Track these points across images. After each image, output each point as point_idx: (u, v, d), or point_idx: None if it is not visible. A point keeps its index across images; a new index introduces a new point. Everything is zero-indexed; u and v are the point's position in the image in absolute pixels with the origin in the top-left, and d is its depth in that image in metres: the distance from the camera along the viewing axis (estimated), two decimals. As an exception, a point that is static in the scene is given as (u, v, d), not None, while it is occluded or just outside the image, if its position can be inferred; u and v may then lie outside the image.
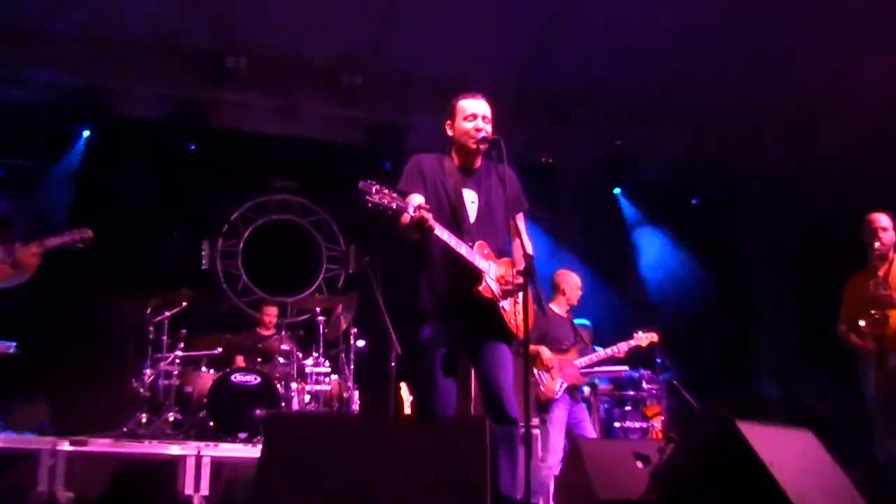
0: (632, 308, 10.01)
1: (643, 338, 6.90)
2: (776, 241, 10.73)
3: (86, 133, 9.11)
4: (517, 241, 4.04)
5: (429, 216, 3.71)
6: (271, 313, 8.44)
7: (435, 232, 3.78)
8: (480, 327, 4.03)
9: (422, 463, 3.04)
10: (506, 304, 4.00)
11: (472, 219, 4.09)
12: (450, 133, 4.21)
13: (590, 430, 6.66)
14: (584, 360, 6.66)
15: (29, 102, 8.86)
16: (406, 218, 3.74)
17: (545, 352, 6.46)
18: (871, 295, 5.46)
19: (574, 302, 6.92)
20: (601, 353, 6.80)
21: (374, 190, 3.64)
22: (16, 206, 8.32)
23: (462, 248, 3.89)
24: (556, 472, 6.40)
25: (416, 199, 3.97)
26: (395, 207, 3.68)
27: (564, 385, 6.49)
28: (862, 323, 5.49)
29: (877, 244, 5.59)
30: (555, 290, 6.95)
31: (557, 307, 6.85)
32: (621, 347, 6.82)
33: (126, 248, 8.55)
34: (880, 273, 5.53)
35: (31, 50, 8.65)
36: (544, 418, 6.50)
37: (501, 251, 4.10)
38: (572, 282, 6.93)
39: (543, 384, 6.45)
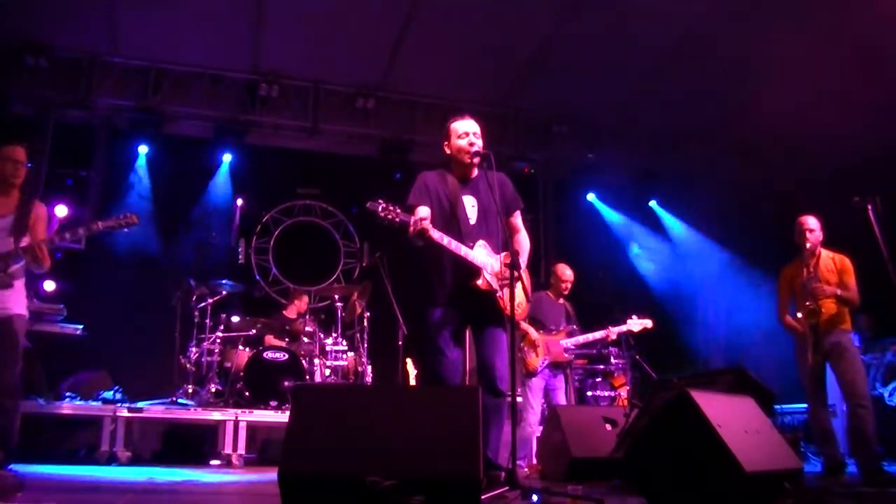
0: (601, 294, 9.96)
1: (638, 323, 6.72)
2: (721, 237, 10.75)
3: (144, 149, 9.09)
4: (516, 236, 4.05)
5: (427, 226, 3.74)
6: (304, 300, 8.39)
7: (435, 238, 3.79)
8: (480, 314, 4.04)
9: (425, 425, 3.03)
10: (503, 293, 4.00)
11: (472, 221, 4.10)
12: (447, 151, 4.21)
13: (562, 398, 6.55)
14: (571, 342, 6.53)
15: (91, 123, 8.82)
16: (411, 229, 3.78)
17: (532, 332, 6.41)
18: (805, 288, 5.44)
19: (563, 291, 6.76)
20: (591, 335, 6.62)
21: (380, 208, 3.70)
22: (79, 211, 8.27)
23: (461, 250, 3.90)
24: (536, 429, 6.42)
25: (423, 210, 3.99)
26: (398, 222, 3.73)
27: (546, 361, 6.44)
28: (799, 315, 5.47)
29: (807, 244, 5.57)
30: (550, 280, 6.94)
31: (552, 294, 6.81)
32: (613, 331, 6.63)
33: (175, 245, 8.54)
34: (810, 268, 5.50)
35: (94, 78, 8.65)
36: (526, 385, 6.45)
37: (499, 247, 4.09)
38: (559, 273, 6.80)
39: (528, 359, 6.41)
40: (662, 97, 8.91)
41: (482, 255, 3.98)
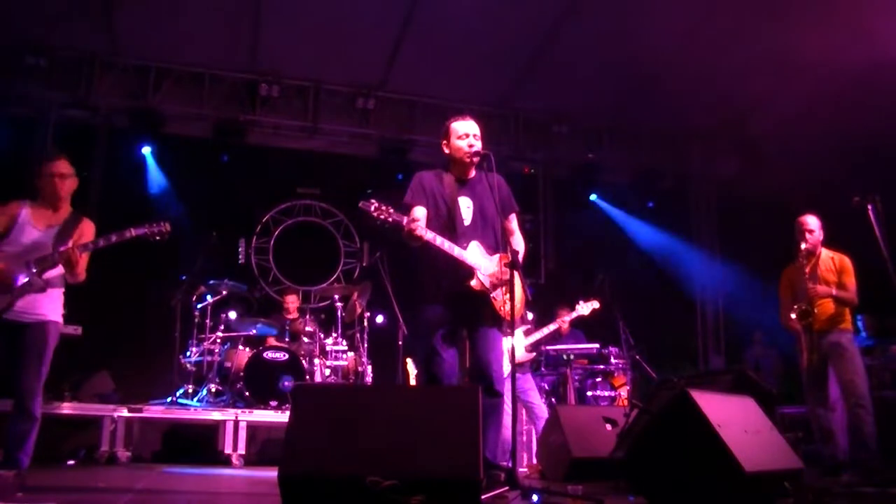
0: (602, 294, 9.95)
1: (586, 307, 6.70)
2: (721, 238, 10.75)
3: (147, 150, 9.10)
4: (510, 239, 4.05)
5: (417, 227, 3.76)
6: (291, 301, 8.38)
7: (427, 239, 3.80)
8: (474, 315, 4.03)
9: (425, 424, 3.03)
10: (496, 293, 4.00)
11: (466, 222, 4.09)
12: (446, 151, 4.21)
13: (534, 398, 6.48)
14: (529, 341, 6.48)
15: (91, 122, 8.82)
16: (403, 230, 3.80)
17: None
18: (800, 289, 5.45)
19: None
20: (546, 329, 6.60)
21: (372, 208, 3.72)
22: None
23: (454, 250, 3.90)
24: (508, 431, 6.41)
25: (419, 211, 4.01)
26: (391, 221, 3.74)
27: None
28: (793, 315, 5.47)
29: (804, 245, 5.56)
30: None
31: None
32: (565, 319, 6.67)
33: (176, 245, 8.51)
34: (807, 269, 5.50)
35: (94, 78, 8.66)
36: (514, 393, 6.37)
37: (494, 248, 4.09)
38: None
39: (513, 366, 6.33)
40: (662, 97, 8.90)
41: (475, 256, 3.98)
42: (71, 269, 4.25)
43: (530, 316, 6.63)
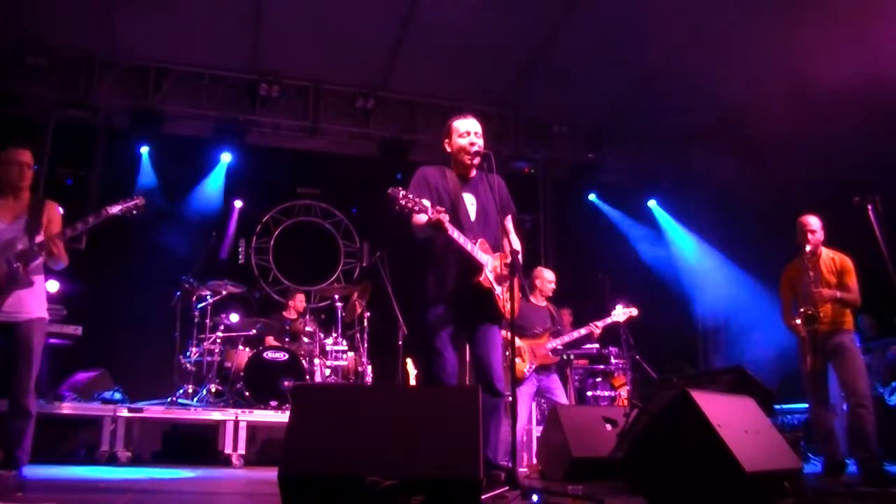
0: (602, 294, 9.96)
1: (623, 313, 6.66)
2: (721, 238, 10.74)
3: (145, 150, 9.08)
4: (506, 238, 4.06)
5: (445, 217, 3.75)
6: (300, 300, 8.39)
7: (448, 231, 3.80)
8: (478, 312, 4.04)
9: (425, 424, 3.02)
10: (499, 291, 4.01)
11: (472, 218, 4.10)
12: (448, 149, 4.21)
13: (561, 397, 6.45)
14: (556, 342, 6.43)
15: (91, 122, 8.82)
16: (423, 218, 3.78)
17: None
18: (804, 291, 5.43)
19: (548, 293, 6.70)
20: (576, 333, 6.58)
21: (401, 195, 3.70)
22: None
23: (468, 245, 3.91)
24: (524, 433, 6.44)
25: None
26: (418, 210, 3.74)
27: (533, 366, 6.30)
28: (798, 321, 5.45)
29: (808, 247, 5.55)
30: (534, 283, 6.84)
31: (535, 299, 6.70)
32: (598, 325, 6.60)
33: (175, 244, 8.54)
34: (811, 271, 5.47)
35: (94, 78, 8.66)
36: (514, 391, 6.39)
37: (496, 246, 4.10)
38: (544, 277, 6.74)
39: (514, 366, 6.31)
40: (662, 97, 8.91)
41: (483, 253, 3.99)
42: (54, 259, 4.23)
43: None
